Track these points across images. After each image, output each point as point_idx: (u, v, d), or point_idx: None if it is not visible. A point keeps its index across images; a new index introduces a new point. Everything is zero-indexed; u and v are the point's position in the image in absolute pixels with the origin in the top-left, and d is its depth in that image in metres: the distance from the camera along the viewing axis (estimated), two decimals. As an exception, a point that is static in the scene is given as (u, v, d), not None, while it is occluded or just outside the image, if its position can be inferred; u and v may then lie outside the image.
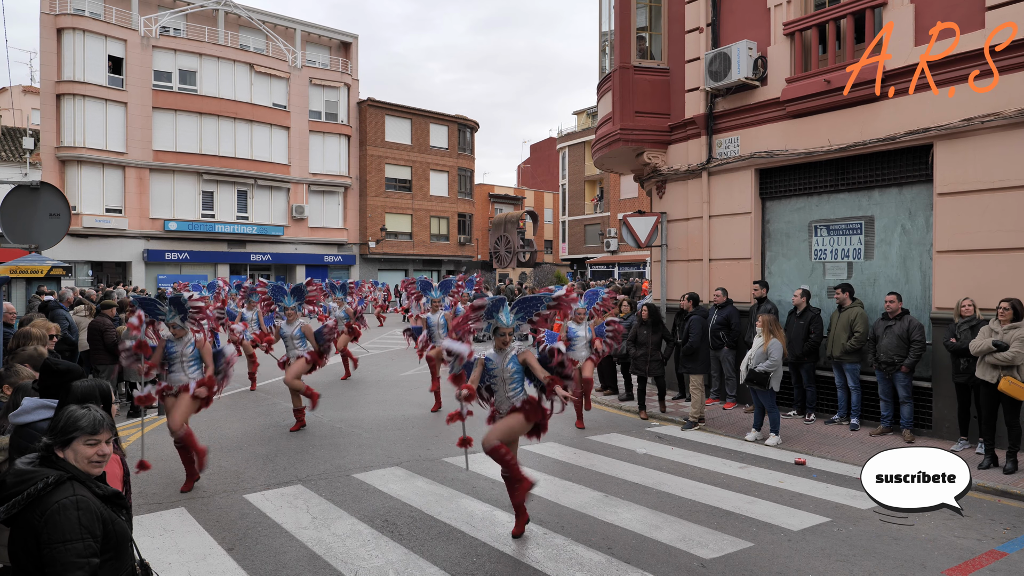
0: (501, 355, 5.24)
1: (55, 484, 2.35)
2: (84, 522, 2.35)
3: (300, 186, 33.57)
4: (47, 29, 26.88)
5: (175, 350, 6.42)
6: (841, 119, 8.82)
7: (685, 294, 9.56)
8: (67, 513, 2.32)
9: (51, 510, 2.31)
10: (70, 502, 2.34)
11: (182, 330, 6.41)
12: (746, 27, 9.97)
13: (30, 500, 2.31)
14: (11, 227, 7.97)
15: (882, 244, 8.79)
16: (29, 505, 2.31)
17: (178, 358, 6.42)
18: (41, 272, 8.10)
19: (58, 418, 2.52)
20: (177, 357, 6.42)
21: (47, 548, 2.29)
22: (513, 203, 48.37)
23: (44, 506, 2.32)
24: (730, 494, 6.08)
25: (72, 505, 2.34)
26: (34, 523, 2.30)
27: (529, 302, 5.41)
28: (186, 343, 6.46)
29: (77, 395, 2.89)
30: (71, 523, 2.32)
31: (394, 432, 8.46)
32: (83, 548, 2.32)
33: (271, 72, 32.48)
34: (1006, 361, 6.38)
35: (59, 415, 2.53)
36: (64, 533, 2.30)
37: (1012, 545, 4.95)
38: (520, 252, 39.36)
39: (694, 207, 10.83)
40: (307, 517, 5.47)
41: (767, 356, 7.72)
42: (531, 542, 4.97)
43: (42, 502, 2.32)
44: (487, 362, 5.26)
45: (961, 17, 7.63)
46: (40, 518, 2.30)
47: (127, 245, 28.72)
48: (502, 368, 5.20)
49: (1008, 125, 7.32)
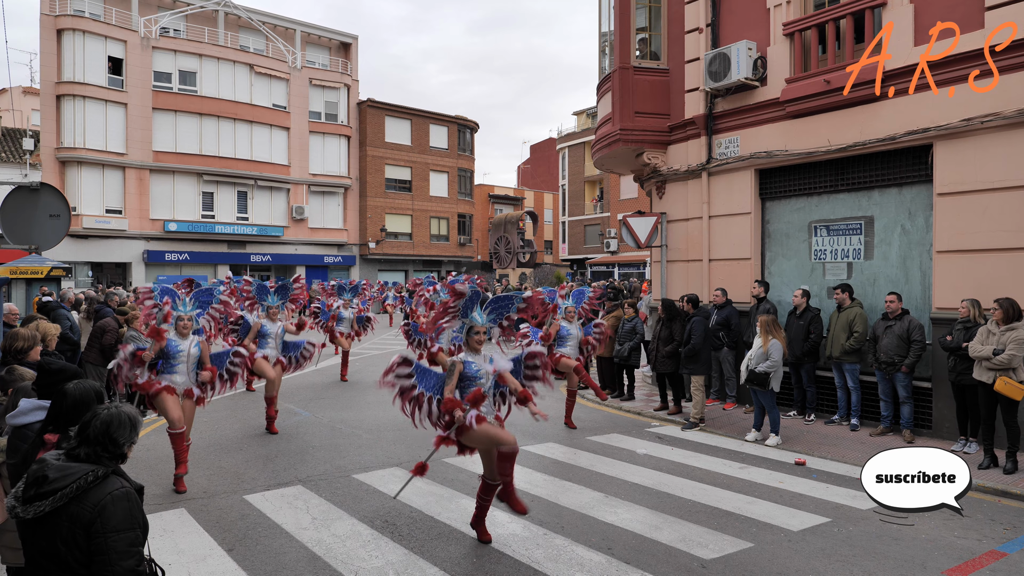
0: (480, 357, 4.94)
1: (102, 477, 2.46)
2: (134, 513, 2.48)
3: (300, 187, 33.57)
4: (47, 30, 26.88)
5: (181, 349, 6.36)
6: (841, 119, 8.82)
7: (684, 296, 9.56)
8: (120, 504, 2.43)
9: (104, 501, 2.41)
10: (121, 494, 2.46)
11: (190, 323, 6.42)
12: (746, 27, 9.97)
13: (78, 492, 2.39)
14: (11, 228, 7.97)
15: (882, 244, 8.78)
16: (75, 498, 2.39)
17: (184, 358, 6.35)
18: (41, 273, 8.10)
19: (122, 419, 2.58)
20: (183, 357, 6.35)
21: (100, 538, 2.38)
22: (513, 203, 48.37)
23: (95, 497, 2.41)
24: (730, 494, 6.08)
25: (123, 497, 2.46)
26: (83, 515, 2.39)
27: (502, 302, 5.20)
28: (192, 343, 6.42)
29: (73, 397, 2.89)
30: (124, 513, 2.43)
31: (394, 433, 8.46)
32: (134, 537, 2.45)
33: (271, 73, 32.48)
34: (1003, 364, 6.40)
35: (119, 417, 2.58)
36: (119, 523, 2.41)
37: (1012, 545, 4.95)
38: (520, 253, 39.34)
39: (694, 207, 10.83)
40: (307, 518, 5.47)
41: (767, 356, 7.72)
42: (531, 542, 4.97)
43: (91, 494, 2.42)
44: (467, 366, 4.86)
45: (961, 17, 7.64)
46: (92, 509, 2.39)
47: (127, 246, 28.72)
48: (486, 370, 4.90)
49: (1008, 125, 7.32)
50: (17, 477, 3.04)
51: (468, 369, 4.85)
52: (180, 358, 6.35)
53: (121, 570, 2.39)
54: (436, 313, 5.22)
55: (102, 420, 2.54)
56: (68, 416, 2.88)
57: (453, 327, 5.14)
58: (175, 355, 6.34)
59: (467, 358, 4.90)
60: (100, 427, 2.52)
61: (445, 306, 5.10)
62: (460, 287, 5.05)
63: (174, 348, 6.34)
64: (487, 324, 5.03)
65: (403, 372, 4.85)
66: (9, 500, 2.41)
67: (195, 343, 6.47)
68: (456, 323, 5.07)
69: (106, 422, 2.53)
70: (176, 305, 6.55)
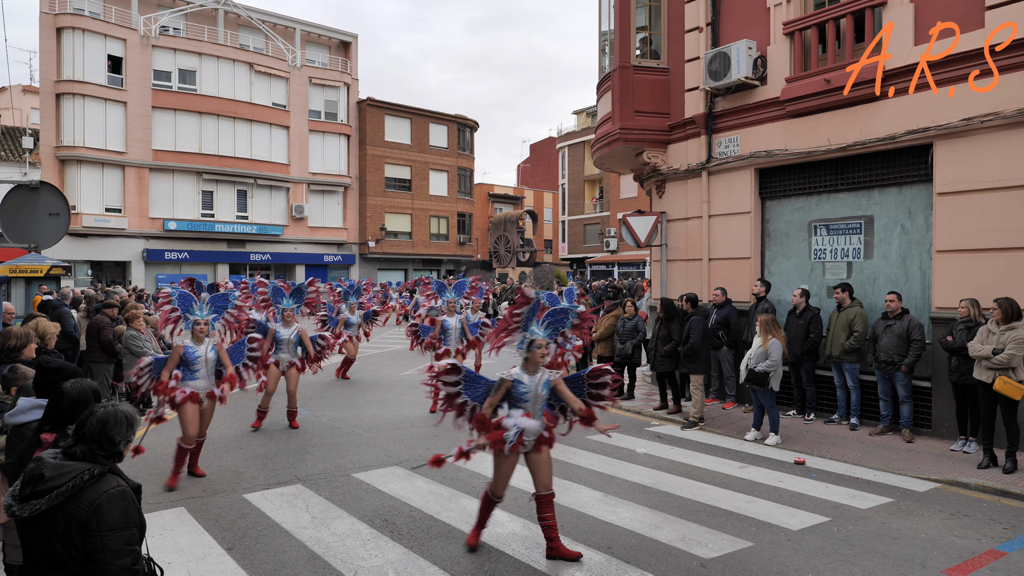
0: (534, 377, 4.61)
1: (98, 476, 2.46)
2: (130, 511, 2.48)
3: (300, 185, 33.56)
4: (46, 28, 26.86)
5: (199, 355, 6.37)
6: (841, 118, 8.81)
7: (683, 295, 9.56)
8: (116, 503, 2.43)
9: (100, 500, 2.40)
10: (117, 492, 2.45)
11: (206, 327, 6.44)
12: (746, 26, 9.96)
13: (74, 491, 2.39)
14: (11, 227, 7.97)
15: (882, 244, 8.78)
16: (71, 496, 2.39)
17: (202, 363, 6.38)
18: (41, 272, 8.09)
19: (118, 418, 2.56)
20: (201, 362, 6.38)
21: (95, 536, 2.38)
22: (513, 203, 48.37)
23: (91, 496, 2.41)
24: (730, 494, 6.08)
25: (119, 495, 2.45)
26: (79, 513, 2.38)
27: (558, 316, 4.81)
28: (208, 347, 6.43)
29: (70, 396, 2.89)
30: (120, 512, 2.43)
31: (393, 432, 8.46)
32: (130, 536, 2.45)
33: (271, 71, 32.47)
34: (1002, 364, 6.40)
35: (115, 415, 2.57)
36: (114, 521, 2.41)
37: (1012, 545, 4.95)
38: (520, 252, 39.35)
39: (694, 207, 10.83)
40: (306, 517, 5.46)
41: (767, 356, 7.72)
42: (531, 541, 4.97)
43: (86, 493, 2.41)
44: (516, 385, 4.56)
45: (961, 17, 7.63)
46: (88, 508, 2.39)
47: (127, 245, 28.72)
48: (535, 392, 4.60)
49: (1008, 125, 7.32)
50: (15, 476, 3.04)
51: (516, 390, 4.58)
52: (199, 363, 6.38)
53: (117, 568, 2.39)
54: (500, 324, 4.78)
55: (98, 418, 2.53)
56: (65, 415, 2.88)
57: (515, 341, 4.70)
58: (193, 361, 6.36)
59: (520, 376, 4.59)
60: (96, 425, 2.52)
61: (511, 315, 4.69)
62: (527, 290, 4.68)
63: (192, 354, 6.37)
64: (546, 338, 4.69)
65: (450, 380, 4.76)
66: (6, 499, 2.41)
67: (211, 347, 6.49)
68: (518, 336, 4.67)
69: (102, 420, 2.53)
70: (192, 309, 6.56)
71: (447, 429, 8.63)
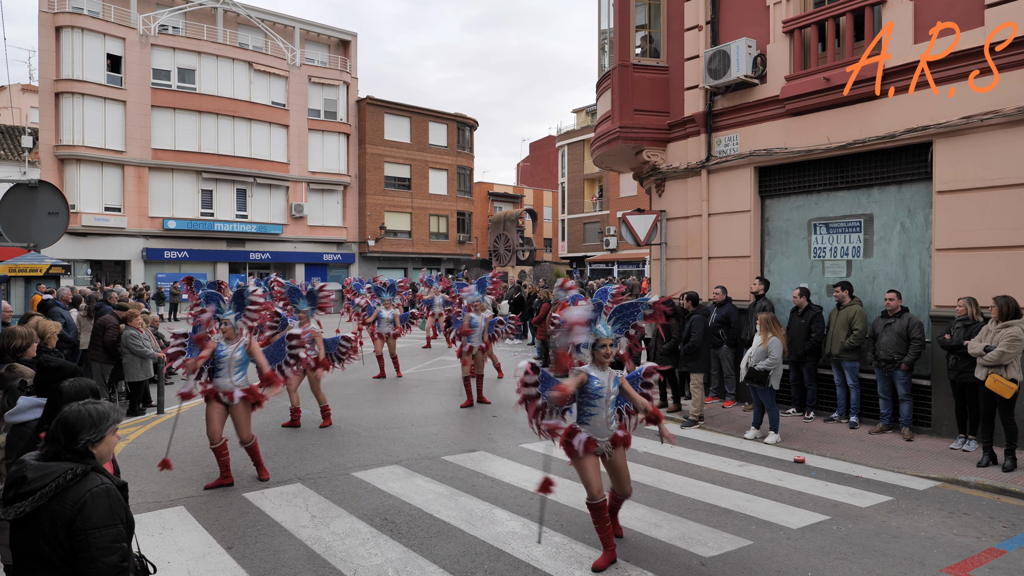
0: (605, 373, 4.56)
1: (81, 475, 2.44)
2: (115, 509, 2.45)
3: (299, 184, 33.55)
4: (46, 27, 26.83)
5: (224, 353, 6.30)
6: (840, 117, 8.81)
7: (683, 293, 9.55)
8: (100, 501, 2.41)
9: (84, 498, 2.38)
10: (101, 490, 2.43)
11: (232, 330, 6.35)
12: (745, 25, 9.96)
13: (58, 491, 2.37)
14: (10, 226, 7.95)
15: (881, 242, 8.78)
16: (55, 497, 2.37)
17: (226, 362, 6.30)
18: (40, 271, 8.09)
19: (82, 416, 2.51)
20: (225, 361, 6.30)
21: (81, 535, 2.36)
22: (512, 201, 48.38)
23: (75, 495, 2.39)
24: (729, 492, 6.08)
25: (103, 493, 2.43)
26: (64, 513, 2.36)
27: (627, 310, 4.79)
28: (236, 347, 6.35)
29: (68, 395, 2.89)
30: (104, 510, 2.41)
31: (393, 431, 8.46)
32: (116, 533, 2.43)
33: (270, 70, 32.44)
34: (992, 361, 6.43)
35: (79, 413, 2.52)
36: (99, 519, 2.39)
37: (1011, 543, 4.95)
38: (519, 250, 39.31)
39: (693, 205, 10.83)
40: (306, 516, 5.46)
41: (767, 354, 7.72)
42: (530, 540, 4.97)
43: (70, 492, 2.39)
44: (591, 381, 4.51)
45: (961, 15, 7.63)
46: (72, 507, 2.37)
47: (126, 244, 28.70)
48: (608, 388, 4.54)
49: (1008, 123, 7.32)
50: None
51: (590, 385, 4.53)
52: (222, 362, 6.30)
53: (104, 566, 2.37)
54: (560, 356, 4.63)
55: (61, 416, 2.50)
56: None
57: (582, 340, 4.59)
58: (219, 359, 6.31)
59: (592, 372, 4.55)
60: (56, 425, 2.49)
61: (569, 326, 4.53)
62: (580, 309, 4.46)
63: (219, 352, 6.31)
64: (613, 335, 4.66)
65: (530, 380, 4.67)
66: None
67: (238, 347, 6.37)
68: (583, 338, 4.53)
69: (63, 420, 2.49)
70: (221, 308, 6.46)
71: (447, 429, 8.67)
